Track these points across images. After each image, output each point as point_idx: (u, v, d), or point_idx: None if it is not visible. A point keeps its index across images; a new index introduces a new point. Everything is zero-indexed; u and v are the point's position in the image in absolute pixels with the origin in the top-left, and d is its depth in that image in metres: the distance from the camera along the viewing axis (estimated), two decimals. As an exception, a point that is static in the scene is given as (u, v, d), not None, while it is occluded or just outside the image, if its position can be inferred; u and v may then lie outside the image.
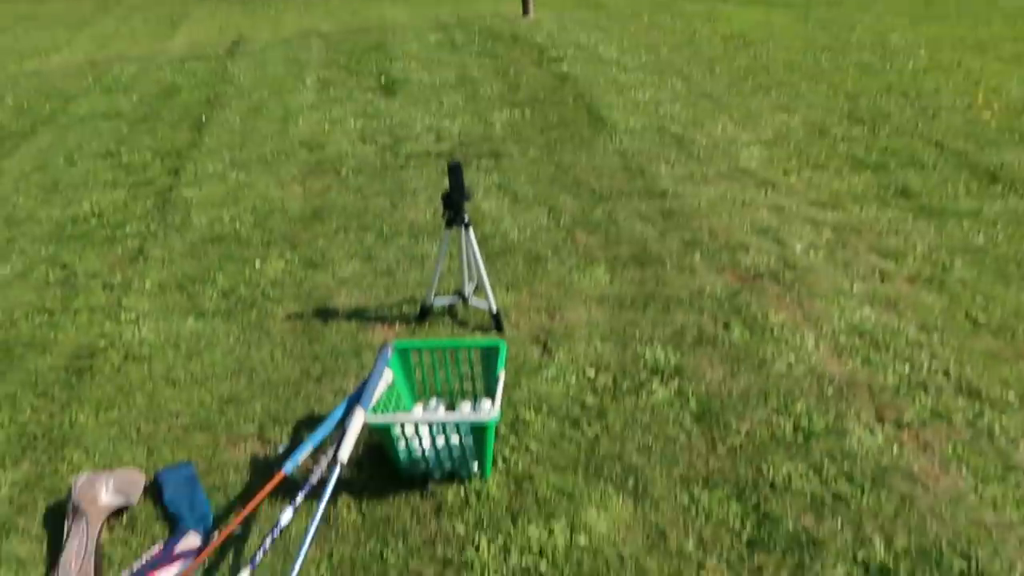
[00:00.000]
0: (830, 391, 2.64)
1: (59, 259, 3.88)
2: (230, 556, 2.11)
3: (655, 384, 2.70)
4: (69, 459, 2.48)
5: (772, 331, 2.97)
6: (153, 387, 2.83)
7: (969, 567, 1.98)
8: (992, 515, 2.14)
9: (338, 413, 2.26)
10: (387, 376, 2.39)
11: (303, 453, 2.16)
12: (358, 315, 3.21)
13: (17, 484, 2.40)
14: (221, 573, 2.06)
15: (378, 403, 2.32)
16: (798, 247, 3.62)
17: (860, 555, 2.02)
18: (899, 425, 2.48)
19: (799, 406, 2.56)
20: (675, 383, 2.70)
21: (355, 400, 2.25)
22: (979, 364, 2.77)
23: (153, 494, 2.31)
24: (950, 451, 2.37)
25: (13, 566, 2.10)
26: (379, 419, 2.19)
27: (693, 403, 2.60)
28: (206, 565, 2.09)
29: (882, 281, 3.33)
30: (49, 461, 2.48)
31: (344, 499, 2.25)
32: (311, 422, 2.58)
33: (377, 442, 2.43)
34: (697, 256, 3.55)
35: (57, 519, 2.22)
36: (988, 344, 2.87)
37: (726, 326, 3.02)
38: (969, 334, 2.95)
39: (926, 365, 2.76)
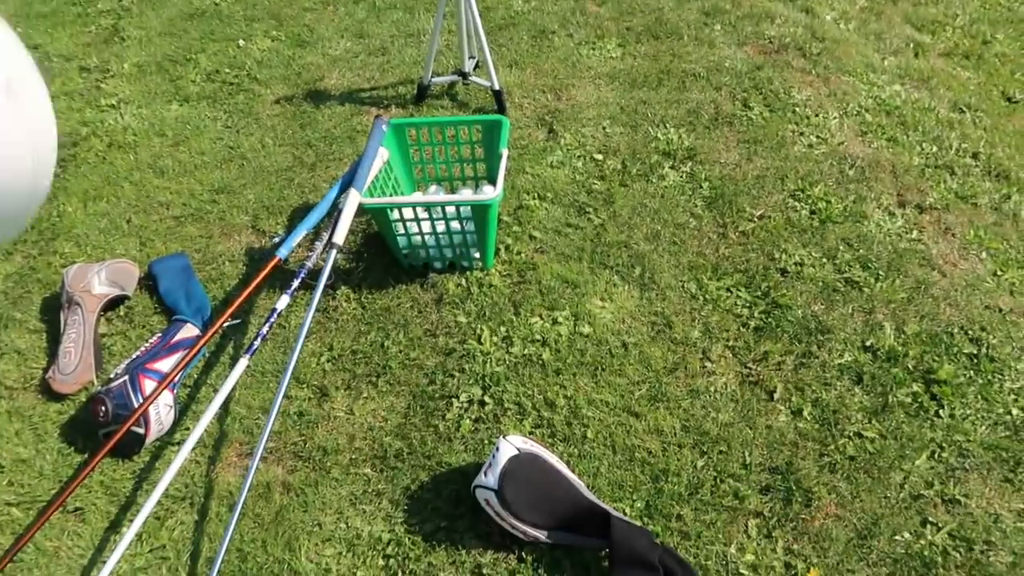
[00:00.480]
0: (851, 173, 2.50)
1: (30, 40, 3.60)
2: (229, 347, 2.09)
3: (666, 168, 2.56)
4: (60, 252, 2.42)
5: (794, 109, 2.78)
6: (141, 177, 2.71)
7: (979, 352, 1.95)
8: (1009, 300, 2.08)
9: (332, 195, 2.12)
10: (383, 154, 2.22)
11: (297, 237, 2.05)
12: (351, 97, 3.00)
13: (10, 277, 2.35)
14: (221, 363, 2.05)
15: (375, 186, 2.19)
16: (828, 17, 3.31)
17: (869, 342, 1.98)
18: (921, 209, 2.37)
19: (817, 189, 2.43)
20: (687, 166, 2.56)
21: (349, 181, 2.10)
22: (1011, 145, 2.60)
23: (148, 286, 2.26)
24: (971, 235, 2.28)
25: (14, 358, 2.10)
26: (375, 201, 2.06)
27: (706, 187, 2.47)
28: (205, 354, 2.08)
29: (916, 55, 3.08)
30: (40, 254, 2.42)
31: (344, 291, 2.20)
32: (305, 211, 2.47)
33: (376, 232, 2.34)
34: (717, 27, 3.26)
35: (53, 311, 2.19)
36: (1022, 124, 2.68)
37: (745, 104, 2.82)
38: (1003, 113, 2.76)
39: (955, 146, 2.60)
